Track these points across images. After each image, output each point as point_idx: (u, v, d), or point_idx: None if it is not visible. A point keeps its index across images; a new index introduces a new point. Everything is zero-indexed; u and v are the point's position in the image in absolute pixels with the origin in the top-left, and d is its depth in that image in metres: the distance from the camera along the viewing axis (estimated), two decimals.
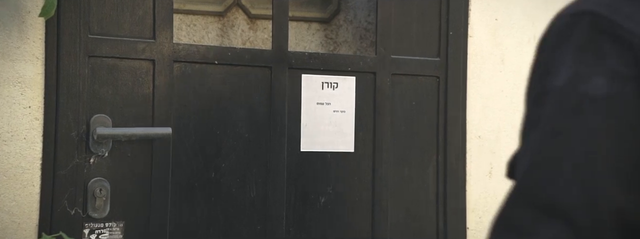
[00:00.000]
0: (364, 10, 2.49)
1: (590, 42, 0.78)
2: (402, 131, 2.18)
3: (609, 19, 0.78)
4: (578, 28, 0.78)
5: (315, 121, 2.09)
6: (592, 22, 0.78)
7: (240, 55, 2.00)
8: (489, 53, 2.28)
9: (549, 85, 0.77)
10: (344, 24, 2.48)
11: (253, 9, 2.37)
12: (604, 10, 0.79)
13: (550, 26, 0.81)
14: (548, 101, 0.77)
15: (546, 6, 2.33)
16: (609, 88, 0.75)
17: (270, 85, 2.03)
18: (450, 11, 2.22)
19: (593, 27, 0.78)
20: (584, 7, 0.79)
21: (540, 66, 0.80)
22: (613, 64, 0.76)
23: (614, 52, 0.76)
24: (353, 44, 2.48)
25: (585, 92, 0.75)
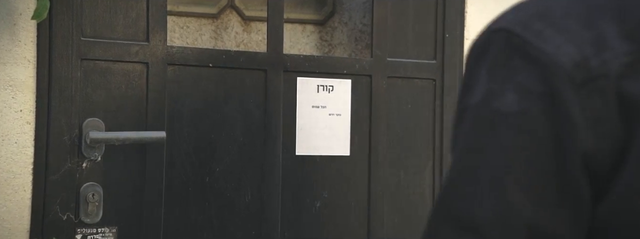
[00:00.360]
0: (359, 12, 2.47)
1: (503, 59, 0.80)
2: (398, 134, 2.17)
3: (520, 36, 0.80)
4: (494, 45, 0.81)
5: (311, 125, 2.07)
6: (506, 39, 0.80)
7: (234, 58, 1.99)
8: None
9: (467, 102, 0.80)
10: (339, 26, 2.46)
11: (247, 10, 2.35)
12: (517, 28, 0.81)
13: (473, 42, 0.85)
14: (466, 118, 0.80)
15: None
16: (519, 104, 0.77)
17: (265, 88, 2.02)
18: (446, 13, 2.21)
19: (506, 44, 0.80)
20: (500, 24, 0.82)
21: (463, 83, 0.84)
22: (523, 81, 0.78)
23: (523, 68, 0.79)
24: (348, 46, 2.47)
25: (498, 109, 0.78)
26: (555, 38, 0.79)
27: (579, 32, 0.80)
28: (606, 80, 0.78)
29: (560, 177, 0.77)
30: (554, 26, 0.80)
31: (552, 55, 0.79)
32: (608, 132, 0.78)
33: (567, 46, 0.79)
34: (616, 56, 0.79)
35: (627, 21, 0.81)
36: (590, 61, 0.79)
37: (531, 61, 0.79)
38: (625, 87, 0.79)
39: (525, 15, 0.82)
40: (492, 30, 0.82)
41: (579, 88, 0.78)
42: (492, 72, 0.81)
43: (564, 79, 0.78)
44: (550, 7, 0.83)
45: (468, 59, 0.86)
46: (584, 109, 0.78)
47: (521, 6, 0.84)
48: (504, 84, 0.79)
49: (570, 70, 0.78)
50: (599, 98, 0.78)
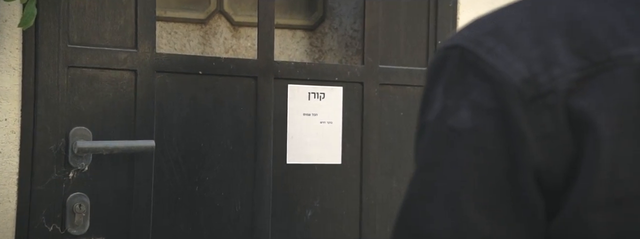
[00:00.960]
0: (350, 18, 2.46)
1: (458, 75, 0.82)
2: (390, 142, 2.16)
3: (473, 53, 0.82)
4: (449, 62, 0.83)
5: (302, 133, 2.05)
6: (460, 56, 0.82)
7: (224, 65, 1.97)
8: None
9: (425, 118, 0.83)
10: (329, 31, 2.45)
11: (236, 16, 2.33)
12: (470, 45, 0.83)
13: (431, 59, 0.89)
14: (425, 133, 0.82)
15: None
16: (473, 121, 0.79)
17: (255, 95, 1.99)
18: (438, 20, 2.20)
19: (461, 60, 0.82)
20: (455, 41, 0.84)
21: (422, 98, 0.86)
22: (476, 97, 0.80)
23: (477, 85, 0.81)
24: (338, 52, 2.45)
25: (452, 126, 0.80)
26: (507, 55, 0.81)
27: (529, 49, 0.81)
28: (555, 96, 0.80)
29: (514, 193, 0.79)
30: (505, 43, 0.82)
31: (503, 72, 0.80)
32: (558, 148, 0.79)
33: (517, 63, 0.81)
34: (565, 72, 0.81)
35: (577, 37, 0.82)
36: (539, 77, 0.80)
37: (484, 78, 0.81)
38: (573, 103, 0.80)
39: (479, 32, 0.84)
40: (447, 47, 0.85)
41: (528, 104, 0.80)
42: (448, 88, 0.83)
43: (514, 96, 0.80)
44: (503, 23, 0.85)
45: (427, 75, 0.88)
46: (534, 125, 0.79)
47: (477, 23, 0.87)
48: (458, 101, 0.81)
49: (519, 86, 0.80)
50: (549, 114, 0.80)
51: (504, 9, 0.90)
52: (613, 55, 0.82)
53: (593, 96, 0.81)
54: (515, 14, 0.86)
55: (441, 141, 0.80)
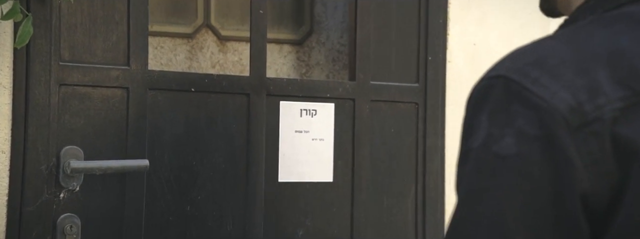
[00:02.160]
0: (337, 32, 2.47)
1: (503, 104, 0.86)
2: (381, 159, 2.17)
3: (518, 83, 0.87)
4: (493, 91, 0.88)
5: (294, 150, 2.06)
6: (505, 86, 0.87)
7: (217, 82, 1.96)
8: (467, 79, 2.29)
9: (470, 145, 0.87)
10: (316, 46, 2.46)
11: (223, 30, 2.33)
12: (515, 75, 0.88)
13: (473, 87, 0.92)
14: (469, 160, 0.86)
15: (521, 30, 2.36)
16: (518, 148, 0.83)
17: (247, 113, 1.99)
18: (429, 36, 2.23)
19: (505, 90, 0.87)
20: (499, 71, 0.89)
21: (465, 125, 0.90)
22: (520, 125, 0.84)
23: (522, 113, 0.85)
24: (325, 66, 2.46)
25: (497, 153, 0.84)
26: (551, 85, 0.86)
27: (573, 79, 0.86)
28: (601, 124, 0.84)
29: (560, 218, 0.83)
30: (549, 74, 0.87)
31: (549, 101, 0.85)
32: (604, 174, 0.83)
33: (562, 92, 0.85)
34: (610, 102, 0.85)
35: (618, 69, 0.87)
36: (585, 105, 0.85)
37: (528, 106, 0.85)
38: (619, 131, 0.84)
39: (522, 63, 0.89)
40: (490, 76, 0.89)
41: (575, 132, 0.84)
42: (493, 117, 0.86)
43: (561, 123, 0.84)
44: (545, 55, 0.89)
45: (468, 104, 0.92)
46: (581, 151, 0.84)
47: (517, 54, 0.91)
48: (503, 129, 0.85)
49: (566, 114, 0.84)
50: (595, 141, 0.84)
51: (543, 40, 0.94)
52: None
53: (637, 124, 0.85)
54: (556, 46, 0.91)
55: (486, 167, 0.84)
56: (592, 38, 0.91)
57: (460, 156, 0.89)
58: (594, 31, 0.92)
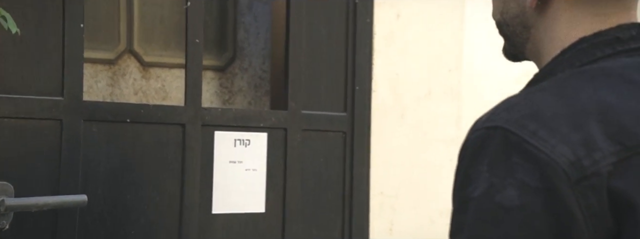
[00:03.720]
0: (259, 58, 2.43)
1: (503, 155, 0.89)
2: (311, 188, 2.15)
3: (517, 135, 0.89)
4: (492, 142, 0.90)
5: (227, 181, 2.00)
6: (503, 137, 0.90)
7: (153, 113, 1.88)
8: (390, 108, 2.31)
9: (470, 194, 0.88)
10: (239, 72, 2.41)
11: (146, 56, 2.23)
12: (513, 127, 0.90)
13: (468, 136, 0.94)
14: (469, 209, 0.88)
15: (439, 61, 2.41)
16: (520, 199, 0.86)
17: (183, 143, 1.92)
18: (356, 66, 2.23)
19: (504, 141, 0.90)
20: (497, 122, 0.91)
21: (462, 174, 0.92)
22: (522, 177, 0.87)
23: (522, 165, 0.88)
24: (248, 93, 2.42)
25: (500, 203, 0.87)
26: (550, 138, 0.88)
27: (569, 134, 0.89)
28: (599, 178, 0.88)
29: None
30: (546, 127, 0.89)
31: (549, 155, 0.87)
32: (602, 226, 0.87)
33: (560, 146, 0.88)
34: (605, 156, 0.89)
35: (609, 124, 0.91)
36: (583, 160, 0.88)
37: (529, 159, 0.87)
38: (614, 184, 0.88)
39: (518, 115, 0.91)
40: (487, 127, 0.91)
41: (574, 185, 0.87)
42: (493, 167, 0.89)
43: (562, 177, 0.87)
44: (539, 108, 0.92)
45: (464, 153, 0.94)
46: (581, 205, 0.87)
47: (512, 106, 0.94)
48: (504, 179, 0.87)
49: (566, 169, 0.87)
50: (593, 195, 0.87)
51: (534, 93, 0.97)
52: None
53: (630, 177, 0.89)
54: (549, 99, 0.93)
55: (488, 217, 0.86)
56: (579, 93, 0.94)
57: (458, 204, 0.90)
58: (579, 86, 0.95)
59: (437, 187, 2.41)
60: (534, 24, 1.06)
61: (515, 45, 1.10)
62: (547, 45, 1.05)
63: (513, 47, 1.11)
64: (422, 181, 2.38)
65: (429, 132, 2.39)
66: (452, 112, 2.44)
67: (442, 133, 2.41)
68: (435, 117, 2.39)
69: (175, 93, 2.29)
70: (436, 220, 2.41)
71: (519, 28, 1.08)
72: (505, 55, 1.15)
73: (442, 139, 2.41)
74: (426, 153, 2.39)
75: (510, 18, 1.08)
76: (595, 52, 1.00)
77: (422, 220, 2.37)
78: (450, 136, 2.43)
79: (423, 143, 2.38)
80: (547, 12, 1.04)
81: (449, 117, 2.43)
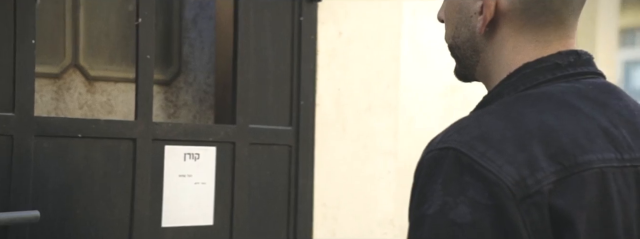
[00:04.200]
0: (204, 73, 2.44)
1: (455, 174, 0.97)
2: (258, 200, 2.17)
3: (468, 156, 0.97)
4: (445, 162, 0.98)
5: (177, 195, 2.00)
6: (455, 158, 0.97)
7: (103, 128, 1.87)
8: (333, 122, 2.36)
9: (425, 212, 0.96)
10: (184, 86, 2.41)
11: (92, 70, 2.22)
12: (464, 148, 0.98)
13: (423, 156, 1.02)
14: (425, 226, 0.95)
15: (378, 77, 2.48)
16: (472, 216, 0.94)
17: (134, 158, 1.92)
18: (301, 81, 2.27)
19: (456, 161, 0.97)
20: (449, 143, 0.99)
21: (417, 192, 1.00)
22: (473, 195, 0.95)
23: (473, 184, 0.96)
24: (193, 107, 2.42)
25: (454, 220, 0.94)
26: (497, 159, 0.96)
27: (515, 154, 0.97)
28: (541, 196, 0.95)
29: None
30: (494, 148, 0.97)
31: (497, 174, 0.95)
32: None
33: (507, 166, 0.96)
34: (546, 176, 0.97)
35: (549, 145, 0.98)
36: (527, 179, 0.96)
37: (479, 178, 0.95)
38: (554, 202, 0.96)
39: (469, 137, 0.99)
40: (440, 148, 0.99)
41: (519, 203, 0.95)
42: (446, 185, 0.95)
43: (508, 195, 0.95)
44: (487, 131, 1.00)
45: (419, 172, 1.01)
46: (525, 221, 0.94)
47: (462, 128, 1.01)
48: (457, 197, 0.94)
49: (512, 187, 0.95)
50: (536, 212, 0.95)
51: (482, 116, 1.05)
52: (579, 161, 1.00)
53: (568, 195, 0.97)
54: (496, 123, 1.01)
55: (443, 233, 0.93)
56: (523, 116, 1.01)
57: (414, 221, 0.97)
58: (523, 109, 1.03)
59: (376, 198, 2.47)
60: (483, 49, 1.13)
61: (466, 67, 1.17)
62: (495, 68, 1.12)
63: (464, 68, 1.18)
64: (361, 192, 2.44)
65: (368, 145, 2.45)
66: (390, 126, 2.50)
67: (380, 146, 2.47)
68: (374, 131, 2.45)
69: (120, 107, 2.28)
70: (375, 230, 2.47)
71: (470, 52, 1.15)
72: (456, 75, 1.22)
73: (381, 151, 2.47)
74: (365, 165, 2.45)
75: (462, 42, 1.15)
76: (538, 77, 1.08)
77: (362, 230, 2.42)
78: (388, 148, 2.49)
79: (363, 156, 2.44)
80: (495, 38, 1.12)
81: (386, 131, 2.49)
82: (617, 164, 1.02)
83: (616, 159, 1.02)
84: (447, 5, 1.16)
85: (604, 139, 1.02)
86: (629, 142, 1.04)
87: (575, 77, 1.09)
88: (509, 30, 1.10)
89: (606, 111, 1.05)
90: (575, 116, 1.03)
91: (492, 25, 1.10)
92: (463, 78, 1.21)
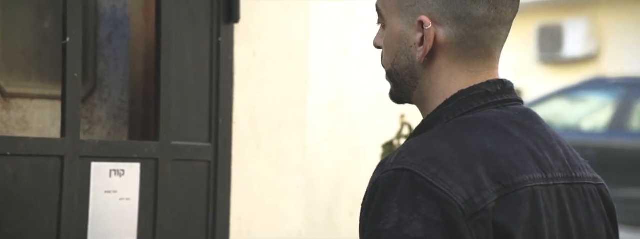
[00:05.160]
0: (118, 89, 2.44)
1: (410, 193, 1.08)
2: (179, 214, 2.19)
3: (421, 176, 1.09)
4: (400, 182, 1.09)
5: (103, 210, 2.00)
6: (410, 178, 1.09)
7: (32, 146, 1.84)
8: (248, 139, 2.42)
9: (381, 227, 1.07)
10: (98, 102, 2.39)
11: (8, 87, 2.16)
12: (417, 169, 1.10)
13: (378, 176, 1.12)
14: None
15: (289, 96, 2.57)
16: (425, 232, 1.05)
17: (61, 176, 1.90)
18: (220, 99, 2.32)
19: (410, 182, 1.08)
20: (403, 165, 1.11)
21: (372, 208, 1.09)
22: (426, 212, 1.06)
23: (426, 203, 1.07)
24: (107, 123, 2.41)
25: (408, 235, 1.05)
26: (448, 180, 1.08)
27: (462, 176, 1.09)
28: (486, 213, 1.08)
29: None
30: (444, 170, 1.09)
31: (448, 194, 1.07)
32: None
33: (456, 186, 1.08)
34: (490, 195, 1.09)
35: (490, 167, 1.11)
36: (474, 198, 1.08)
37: (432, 197, 1.06)
38: (497, 218, 1.08)
39: (420, 159, 1.10)
40: (395, 169, 1.10)
41: (468, 220, 1.06)
42: (402, 204, 1.06)
43: (458, 213, 1.06)
44: (437, 153, 1.11)
45: (375, 190, 1.10)
46: (473, 235, 1.06)
47: (414, 151, 1.13)
48: (411, 215, 1.05)
49: (462, 205, 1.07)
50: (482, 227, 1.07)
51: (430, 139, 1.16)
52: (515, 181, 1.15)
53: (508, 212, 1.10)
54: (443, 146, 1.13)
55: None
56: (465, 140, 1.14)
57: (370, 235, 1.06)
58: (464, 133, 1.16)
59: (287, 211, 2.55)
60: (420, 76, 1.24)
61: (403, 91, 1.27)
62: (431, 94, 1.23)
63: (401, 92, 1.28)
64: (274, 207, 2.51)
65: (279, 161, 2.52)
66: (299, 143, 2.59)
67: (290, 162, 2.55)
68: (285, 148, 2.53)
69: (35, 124, 2.23)
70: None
71: (408, 78, 1.25)
72: (391, 98, 1.32)
73: (291, 167, 2.56)
74: (277, 181, 2.52)
75: (401, 69, 1.24)
76: (472, 103, 1.21)
77: None
78: (297, 164, 2.58)
79: (275, 171, 2.51)
80: (432, 67, 1.23)
81: (296, 148, 2.58)
82: (544, 183, 1.15)
83: (542, 179, 1.15)
84: (388, 34, 1.25)
85: (533, 160, 1.16)
86: (550, 163, 1.18)
87: (503, 104, 1.22)
88: (445, 61, 1.22)
89: (531, 135, 1.19)
90: (508, 140, 1.16)
91: (430, 55, 1.21)
92: (398, 101, 1.30)
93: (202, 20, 2.29)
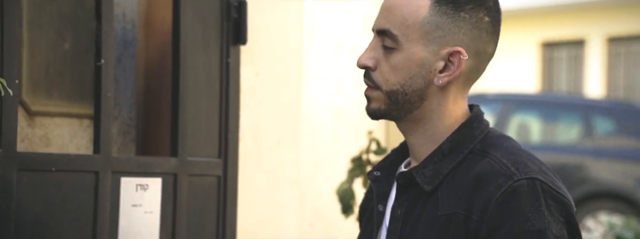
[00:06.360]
0: (127, 107, 2.54)
1: (541, 200, 1.29)
2: (194, 226, 2.31)
3: (547, 184, 1.31)
4: (535, 189, 1.30)
5: (131, 223, 2.11)
6: (542, 186, 1.31)
7: (73, 161, 1.95)
8: (252, 154, 2.56)
9: (529, 228, 1.28)
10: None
11: (34, 105, 2.25)
12: (542, 178, 1.32)
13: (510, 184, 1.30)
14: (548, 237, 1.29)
15: (286, 113, 2.72)
16: (561, 231, 1.29)
17: (95, 190, 2.01)
18: (229, 117, 2.45)
19: (543, 189, 1.31)
20: (531, 174, 1.32)
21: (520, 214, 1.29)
22: (557, 215, 1.30)
23: (554, 206, 1.30)
24: (117, 139, 2.51)
25: (556, 234, 1.28)
26: (561, 185, 1.33)
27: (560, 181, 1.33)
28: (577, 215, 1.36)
29: None
30: (553, 177, 1.33)
31: (566, 196, 1.31)
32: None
33: (567, 191, 1.33)
34: None
35: None
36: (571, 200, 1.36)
37: (557, 201, 1.30)
38: None
39: (537, 169, 1.33)
40: (528, 178, 1.31)
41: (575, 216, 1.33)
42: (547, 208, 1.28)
43: (573, 213, 1.32)
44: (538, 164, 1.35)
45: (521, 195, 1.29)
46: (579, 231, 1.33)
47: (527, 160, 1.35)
48: (551, 217, 1.28)
49: (573, 206, 1.33)
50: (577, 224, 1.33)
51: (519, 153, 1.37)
52: None
53: None
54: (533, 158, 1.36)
55: None
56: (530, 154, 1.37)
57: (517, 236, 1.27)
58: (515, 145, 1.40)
59: (285, 222, 2.70)
60: (428, 98, 1.39)
61: (403, 110, 1.38)
62: (435, 114, 1.39)
63: (398, 111, 1.38)
64: (274, 218, 2.66)
65: (278, 175, 2.68)
66: (294, 158, 2.76)
67: (287, 176, 2.71)
68: (283, 163, 2.69)
69: (56, 140, 2.32)
70: None
71: (415, 98, 1.38)
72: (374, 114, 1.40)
73: (288, 181, 2.72)
74: (276, 194, 2.68)
75: (412, 90, 1.37)
76: (485, 121, 1.44)
77: None
78: (293, 178, 2.75)
79: (274, 185, 2.67)
80: (445, 91, 1.40)
81: (292, 163, 2.74)
82: None
83: None
84: (403, 58, 1.35)
85: None
86: None
87: None
88: (455, 87, 1.40)
89: None
90: None
91: None
92: (380, 117, 1.39)
93: (213, 42, 2.43)
